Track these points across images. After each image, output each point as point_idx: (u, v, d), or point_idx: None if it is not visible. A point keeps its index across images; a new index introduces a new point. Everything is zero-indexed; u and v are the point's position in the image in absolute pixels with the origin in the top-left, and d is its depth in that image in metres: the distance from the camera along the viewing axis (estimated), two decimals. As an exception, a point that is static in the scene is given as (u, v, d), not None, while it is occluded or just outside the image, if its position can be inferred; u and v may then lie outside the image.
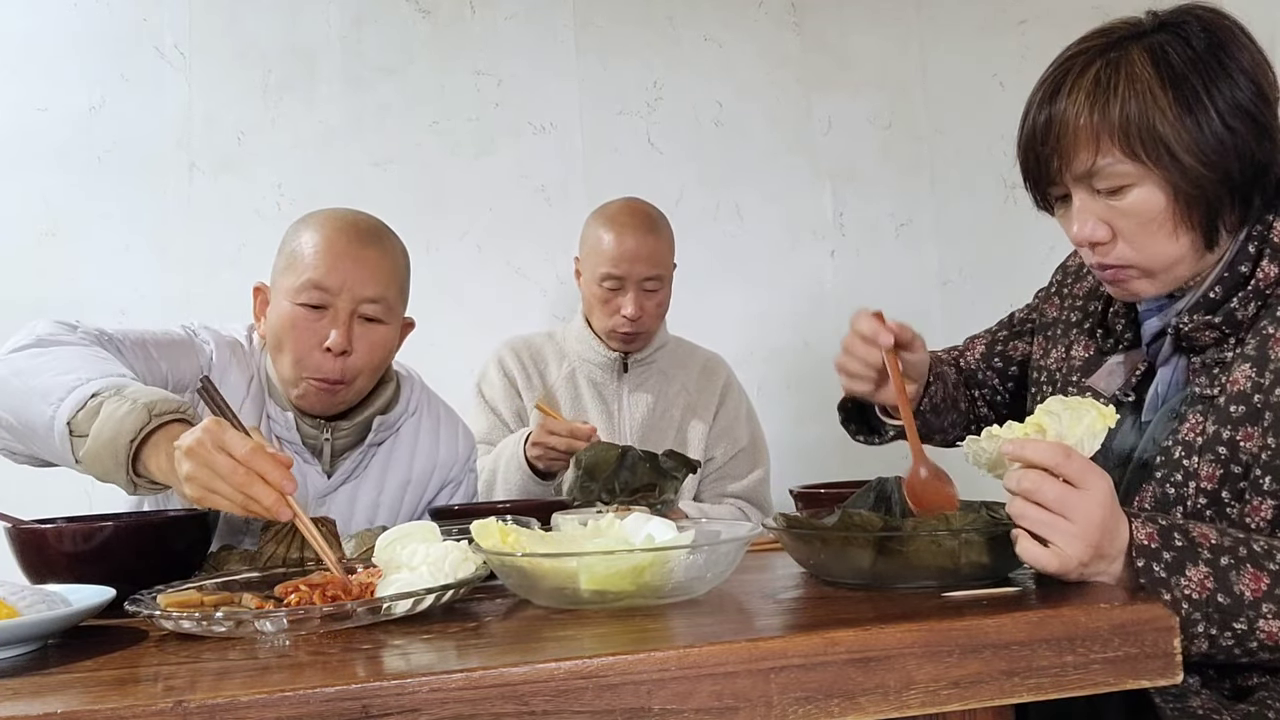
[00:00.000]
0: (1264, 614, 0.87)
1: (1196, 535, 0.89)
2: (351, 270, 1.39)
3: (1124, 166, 1.01)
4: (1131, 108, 1.00)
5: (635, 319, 1.95)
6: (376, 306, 1.42)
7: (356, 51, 2.42)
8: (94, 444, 1.07)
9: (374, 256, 1.42)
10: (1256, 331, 1.02)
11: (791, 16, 2.58)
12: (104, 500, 1.52)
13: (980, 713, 0.79)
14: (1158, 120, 0.99)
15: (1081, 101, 1.02)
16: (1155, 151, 1.00)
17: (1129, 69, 1.01)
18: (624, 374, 2.05)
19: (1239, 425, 0.99)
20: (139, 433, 1.06)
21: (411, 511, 1.59)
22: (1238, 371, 1.01)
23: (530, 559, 0.90)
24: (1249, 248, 1.05)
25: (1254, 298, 1.03)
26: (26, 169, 2.28)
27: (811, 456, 2.50)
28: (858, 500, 1.02)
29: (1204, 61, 1.01)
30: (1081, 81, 1.03)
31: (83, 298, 2.22)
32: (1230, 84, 1.00)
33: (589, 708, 0.70)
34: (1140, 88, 1.00)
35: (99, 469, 1.09)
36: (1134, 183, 1.02)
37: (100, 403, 1.08)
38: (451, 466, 1.63)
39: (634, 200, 2.03)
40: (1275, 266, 1.03)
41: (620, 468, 1.59)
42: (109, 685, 0.73)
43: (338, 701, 0.68)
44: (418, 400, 1.61)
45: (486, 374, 2.06)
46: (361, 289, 1.40)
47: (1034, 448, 0.88)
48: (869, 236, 2.58)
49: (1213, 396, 1.03)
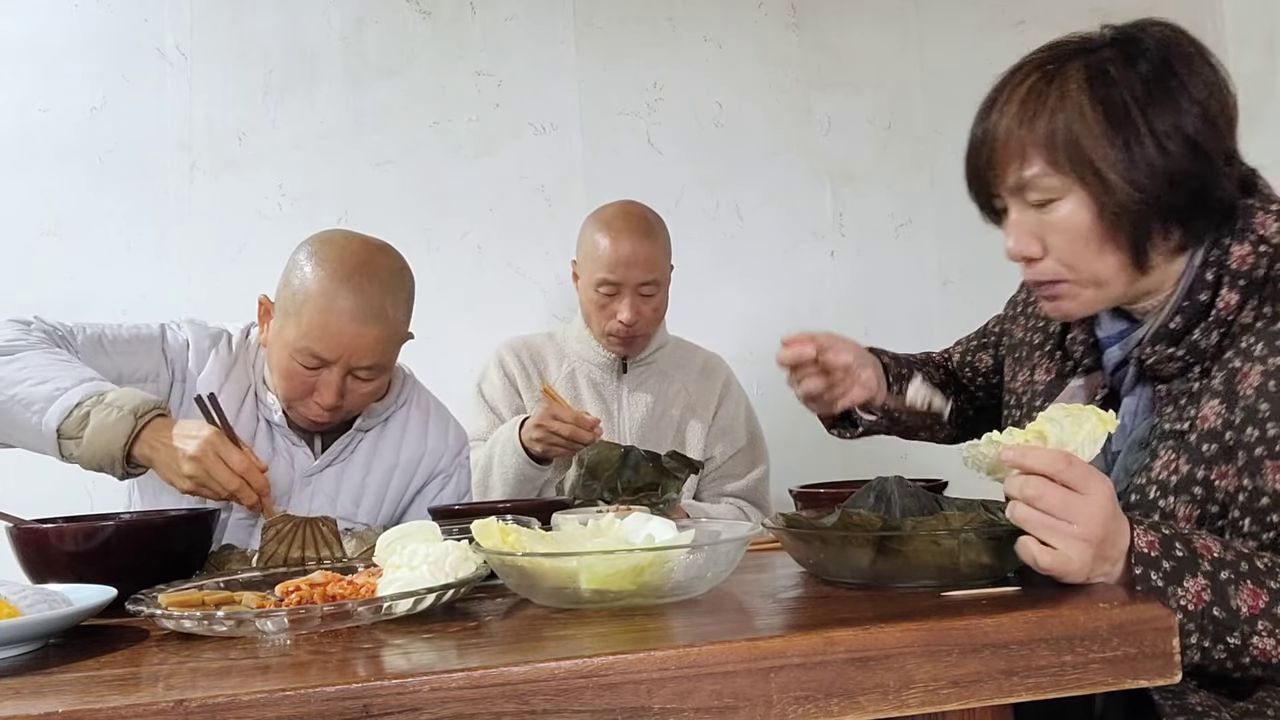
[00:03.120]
0: (1259, 630, 0.87)
1: (1199, 547, 0.89)
2: (351, 345, 1.43)
3: (1050, 180, 1.02)
4: (1058, 121, 1.00)
5: (631, 324, 1.95)
6: (370, 370, 1.47)
7: (357, 52, 2.43)
8: (89, 448, 1.25)
9: (374, 334, 1.44)
10: (1223, 364, 1.01)
11: (791, 16, 2.58)
12: (105, 500, 1.52)
13: (979, 712, 0.79)
14: (1083, 135, 0.99)
15: (1012, 114, 1.03)
16: (1080, 166, 1.00)
17: (1062, 84, 1.01)
18: (623, 374, 2.05)
19: (1212, 464, 0.98)
20: (130, 437, 1.24)
21: (398, 498, 1.62)
22: (1207, 408, 1.00)
23: (530, 559, 0.90)
24: (1206, 275, 1.03)
25: (1216, 327, 1.02)
26: (28, 169, 2.28)
27: (811, 456, 2.49)
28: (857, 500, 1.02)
29: (1147, 83, 0.99)
30: (1015, 94, 1.04)
31: (83, 298, 2.22)
32: (1173, 109, 0.99)
33: (589, 707, 0.70)
34: (1070, 103, 1.00)
35: (92, 465, 1.27)
36: (1060, 196, 1.02)
37: (86, 412, 1.25)
38: (440, 457, 1.65)
39: (630, 204, 2.02)
40: (1236, 294, 1.01)
41: (623, 467, 1.59)
42: (110, 685, 0.73)
43: (338, 701, 0.68)
44: (408, 393, 1.65)
45: (487, 374, 2.07)
46: (358, 360, 1.45)
47: (1035, 454, 0.88)
48: (869, 236, 2.59)
49: (1183, 432, 1.02)
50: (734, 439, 2.07)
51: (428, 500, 1.64)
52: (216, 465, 1.24)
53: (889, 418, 1.38)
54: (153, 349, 1.50)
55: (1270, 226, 1.02)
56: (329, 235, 1.50)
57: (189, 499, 1.45)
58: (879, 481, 1.02)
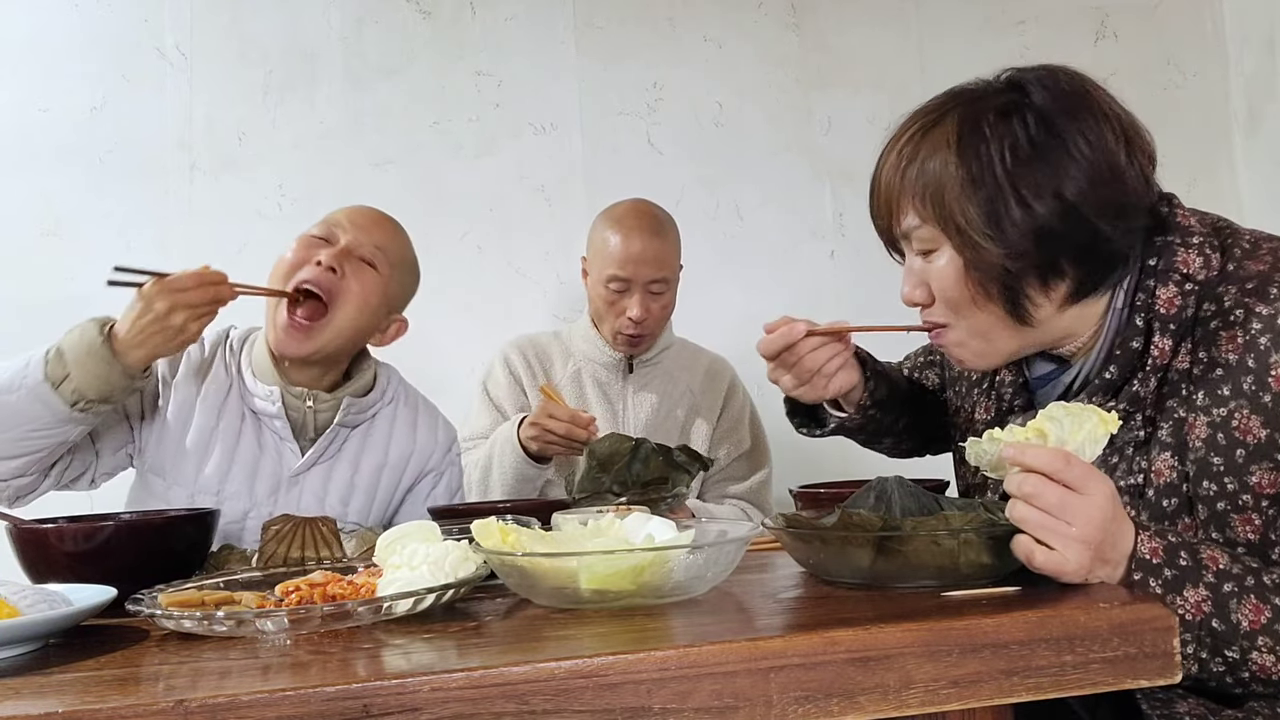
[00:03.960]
0: (1259, 646, 0.86)
1: (1205, 558, 0.89)
2: (348, 218, 1.59)
3: (925, 230, 1.03)
4: (927, 173, 1.00)
5: (640, 321, 1.96)
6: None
7: (357, 52, 2.43)
8: (80, 370, 1.31)
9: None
10: (1166, 414, 1.00)
11: (791, 16, 2.58)
12: (105, 500, 1.52)
13: (979, 712, 0.79)
14: (947, 190, 0.99)
15: (891, 163, 1.05)
16: (944, 221, 1.00)
17: (935, 136, 1.01)
18: (629, 374, 2.05)
19: (1175, 518, 0.99)
20: (103, 331, 1.33)
21: (389, 496, 1.62)
22: (1159, 461, 1.00)
23: (530, 559, 0.90)
24: (1135, 320, 1.01)
25: (1153, 374, 1.01)
26: (28, 169, 2.28)
27: (811, 456, 2.49)
28: (857, 500, 1.02)
29: (1019, 141, 0.97)
30: (897, 144, 1.05)
31: (83, 298, 2.21)
32: (1046, 168, 0.96)
33: (589, 707, 0.70)
34: (938, 157, 1.00)
35: (97, 385, 1.32)
36: (936, 248, 1.03)
37: (57, 349, 1.33)
38: (430, 454, 1.65)
39: (642, 202, 2.03)
40: (1169, 340, 1.00)
41: (633, 460, 1.57)
42: (110, 685, 0.73)
43: (339, 701, 0.68)
44: (394, 391, 1.65)
45: (492, 371, 2.07)
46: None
47: (1034, 453, 0.88)
48: (869, 236, 2.54)
49: (1140, 486, 1.01)
50: (738, 441, 2.08)
51: (419, 498, 1.64)
52: (183, 292, 1.33)
53: (863, 414, 1.33)
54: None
55: (1194, 263, 1.00)
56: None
57: (186, 500, 1.46)
58: (879, 481, 1.02)
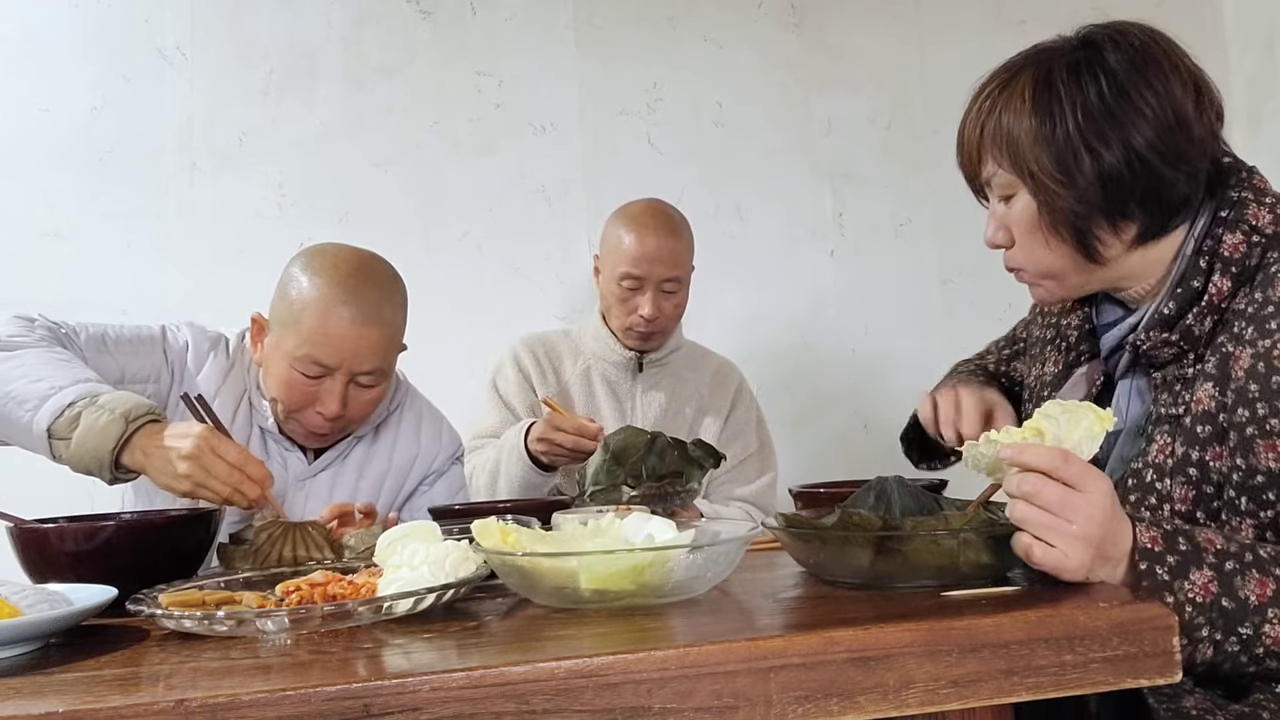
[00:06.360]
0: (1270, 619, 0.87)
1: (1202, 540, 0.89)
2: (351, 350, 1.43)
3: (1004, 176, 1.09)
4: (1002, 125, 1.08)
5: (652, 319, 1.97)
6: (372, 376, 1.47)
7: (357, 52, 2.43)
8: (77, 450, 1.22)
9: (374, 335, 1.44)
10: (1216, 349, 1.03)
11: (791, 16, 2.58)
12: (106, 500, 1.52)
13: (979, 712, 0.79)
14: (1021, 140, 1.06)
15: (974, 117, 1.12)
16: (1019, 168, 1.07)
17: (1012, 91, 1.08)
18: (639, 373, 2.06)
19: (1206, 445, 1.00)
20: (119, 441, 1.21)
21: (391, 501, 1.62)
22: (1201, 390, 1.02)
23: (530, 558, 0.90)
24: (1200, 262, 1.06)
25: (1209, 313, 1.05)
26: (28, 169, 2.28)
27: (811, 456, 2.50)
28: (857, 500, 1.02)
29: (1090, 95, 1.03)
30: (978, 100, 1.12)
31: (84, 298, 2.22)
32: (1115, 121, 1.02)
33: (589, 707, 0.70)
34: (1013, 110, 1.07)
35: (80, 468, 1.24)
36: (1015, 191, 1.09)
37: (78, 413, 1.22)
38: (434, 458, 1.66)
39: (656, 201, 2.05)
40: (1228, 281, 1.04)
41: (649, 453, 1.57)
42: (111, 684, 0.73)
43: (339, 700, 0.68)
44: (400, 397, 1.66)
45: (501, 369, 2.07)
46: (359, 365, 1.45)
47: (1033, 452, 0.88)
48: (869, 236, 2.59)
49: (1178, 416, 1.04)
50: (745, 444, 2.08)
51: (421, 501, 1.64)
52: (213, 461, 1.20)
53: None
54: (154, 350, 1.50)
55: (1264, 218, 1.05)
56: (320, 247, 1.52)
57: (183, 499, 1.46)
58: (879, 481, 1.02)
